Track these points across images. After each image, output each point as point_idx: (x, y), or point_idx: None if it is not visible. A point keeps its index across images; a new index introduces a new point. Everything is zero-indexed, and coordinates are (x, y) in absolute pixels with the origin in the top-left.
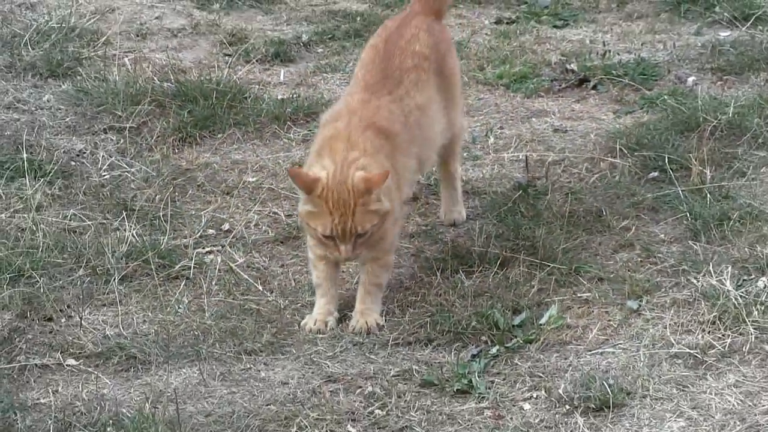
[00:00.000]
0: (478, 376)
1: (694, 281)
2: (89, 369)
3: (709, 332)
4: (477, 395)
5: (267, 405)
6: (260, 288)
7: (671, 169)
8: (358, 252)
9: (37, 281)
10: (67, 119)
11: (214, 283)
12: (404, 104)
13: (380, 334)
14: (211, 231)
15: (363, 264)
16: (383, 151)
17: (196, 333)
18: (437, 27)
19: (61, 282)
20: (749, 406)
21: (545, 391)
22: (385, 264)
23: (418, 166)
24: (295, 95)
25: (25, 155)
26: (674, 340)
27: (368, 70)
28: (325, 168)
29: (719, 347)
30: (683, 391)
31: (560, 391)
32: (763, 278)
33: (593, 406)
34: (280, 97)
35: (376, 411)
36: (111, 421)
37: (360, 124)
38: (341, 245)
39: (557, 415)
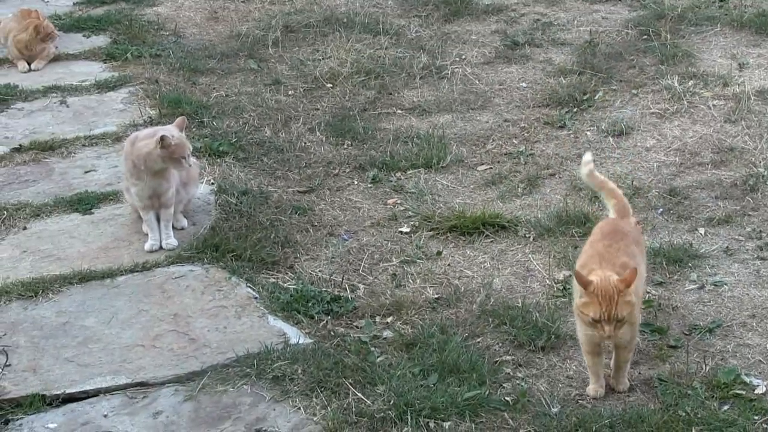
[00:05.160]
0: (569, 120)
1: (661, 82)
2: (405, 114)
3: (667, 103)
4: (567, 127)
5: (480, 130)
6: (477, 82)
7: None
8: (616, 333)
9: (384, 78)
10: None
11: (458, 80)
12: (631, 249)
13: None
14: (456, 59)
15: (618, 349)
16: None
17: (450, 101)
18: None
19: (394, 79)
20: (684, 134)
21: (595, 127)
22: (633, 349)
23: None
24: None
25: None
26: (651, 106)
27: (603, 235)
28: (595, 276)
29: (671, 110)
30: (655, 128)
31: (603, 125)
32: (692, 80)
33: (618, 133)
34: None
35: (525, 133)
36: (415, 136)
37: (612, 255)
38: (605, 326)
39: (600, 137)
